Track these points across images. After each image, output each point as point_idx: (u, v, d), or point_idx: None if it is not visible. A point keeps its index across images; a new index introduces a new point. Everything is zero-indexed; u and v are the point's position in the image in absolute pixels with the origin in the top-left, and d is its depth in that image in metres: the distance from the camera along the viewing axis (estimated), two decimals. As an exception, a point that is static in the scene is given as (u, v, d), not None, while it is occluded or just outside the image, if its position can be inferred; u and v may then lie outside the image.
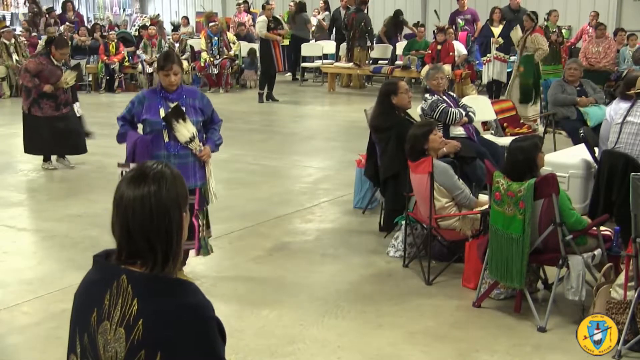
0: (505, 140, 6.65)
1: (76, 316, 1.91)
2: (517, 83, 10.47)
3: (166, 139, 4.48)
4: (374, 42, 15.49)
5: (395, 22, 16.01)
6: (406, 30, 16.32)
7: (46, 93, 7.95)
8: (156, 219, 1.81)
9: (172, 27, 16.38)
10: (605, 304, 4.02)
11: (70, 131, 8.15)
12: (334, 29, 15.93)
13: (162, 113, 4.45)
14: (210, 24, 14.83)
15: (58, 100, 8.04)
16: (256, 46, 15.01)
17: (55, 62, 8.03)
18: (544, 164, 4.52)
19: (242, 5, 17.28)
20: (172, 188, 1.84)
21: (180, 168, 4.37)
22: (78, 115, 8.27)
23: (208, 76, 15.03)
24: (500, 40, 12.02)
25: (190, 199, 4.32)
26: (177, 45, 15.25)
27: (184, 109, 4.51)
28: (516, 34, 10.82)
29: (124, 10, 22.42)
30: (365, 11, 15.22)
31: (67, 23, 16.57)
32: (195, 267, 4.92)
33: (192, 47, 15.60)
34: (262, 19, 13.56)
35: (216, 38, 14.81)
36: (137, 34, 17.07)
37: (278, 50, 13.33)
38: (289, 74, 16.95)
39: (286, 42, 15.44)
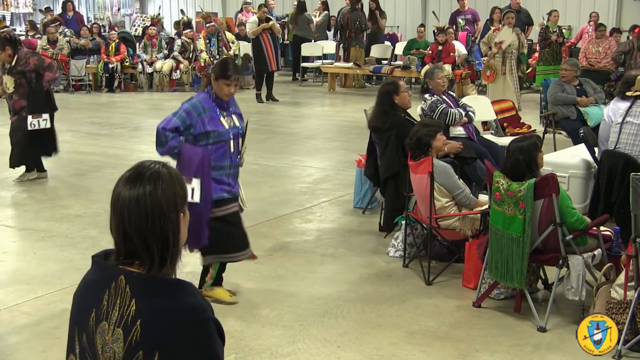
0: (505, 140, 6.64)
1: (75, 316, 1.90)
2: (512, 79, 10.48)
3: (232, 149, 4.39)
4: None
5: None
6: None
7: None
8: (151, 219, 1.80)
9: (183, 26, 16.31)
10: (605, 304, 4.02)
11: (11, 141, 7.69)
12: (339, 30, 15.83)
13: (225, 123, 4.34)
14: (207, 25, 14.82)
15: (8, 106, 7.64)
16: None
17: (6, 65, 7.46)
18: (544, 164, 4.52)
19: (249, 6, 17.20)
20: (169, 188, 1.83)
21: (236, 176, 4.47)
22: (32, 128, 7.39)
23: (208, 76, 15.00)
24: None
25: (234, 206, 4.43)
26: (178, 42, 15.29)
27: (234, 117, 4.47)
28: (508, 35, 10.76)
29: (119, 9, 22.36)
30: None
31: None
32: (195, 267, 4.90)
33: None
34: (252, 19, 13.53)
35: (214, 39, 14.79)
36: (137, 34, 17.06)
37: (270, 50, 13.25)
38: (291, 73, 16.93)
39: (284, 40, 15.37)
